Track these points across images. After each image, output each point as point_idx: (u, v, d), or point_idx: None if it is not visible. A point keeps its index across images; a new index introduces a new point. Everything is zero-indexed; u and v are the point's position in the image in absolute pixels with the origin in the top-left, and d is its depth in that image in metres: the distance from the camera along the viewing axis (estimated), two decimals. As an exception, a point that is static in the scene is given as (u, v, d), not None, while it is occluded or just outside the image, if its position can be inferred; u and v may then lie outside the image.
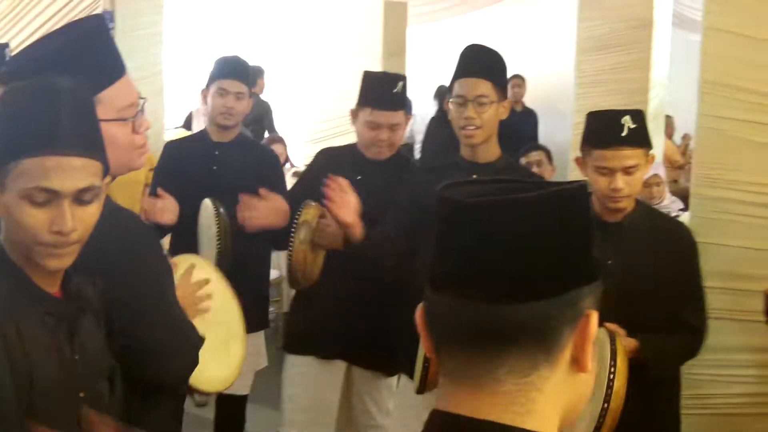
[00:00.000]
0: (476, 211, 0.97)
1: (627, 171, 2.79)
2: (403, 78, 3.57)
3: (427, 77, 10.33)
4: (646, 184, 5.98)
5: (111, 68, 1.99)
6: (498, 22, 10.52)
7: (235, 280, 2.96)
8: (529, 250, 0.97)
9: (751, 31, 3.38)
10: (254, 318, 3.50)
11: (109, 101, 1.93)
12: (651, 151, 2.88)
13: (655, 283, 2.86)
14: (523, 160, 5.92)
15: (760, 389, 3.49)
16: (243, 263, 3.48)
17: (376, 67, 7.33)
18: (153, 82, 5.00)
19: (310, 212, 3.36)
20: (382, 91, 3.49)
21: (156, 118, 4.77)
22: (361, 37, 7.55)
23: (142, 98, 2.06)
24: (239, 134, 4.10)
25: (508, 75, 9.72)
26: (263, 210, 3.58)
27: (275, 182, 3.90)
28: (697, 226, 3.54)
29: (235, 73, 3.92)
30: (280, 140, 7.91)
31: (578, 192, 1.01)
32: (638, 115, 2.83)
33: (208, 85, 3.92)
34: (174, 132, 8.81)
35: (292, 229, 3.34)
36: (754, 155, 3.41)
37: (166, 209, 3.62)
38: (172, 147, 4.28)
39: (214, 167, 3.90)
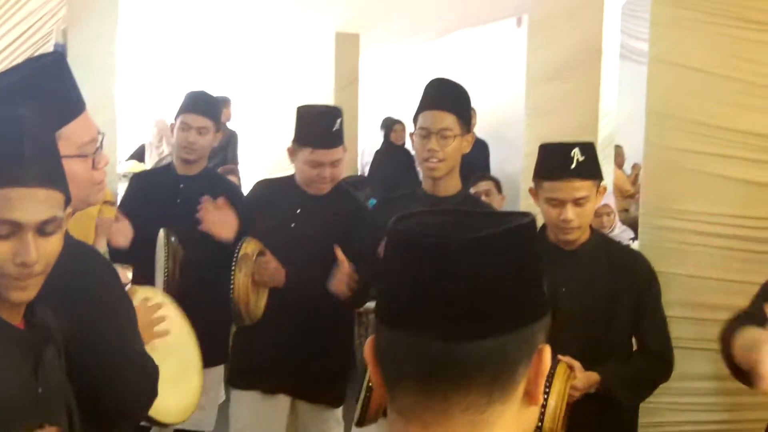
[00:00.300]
0: (433, 250, 0.97)
1: (577, 202, 2.84)
2: (340, 114, 3.60)
3: (378, 107, 10.40)
4: (597, 214, 6.05)
5: (72, 104, 2.00)
6: (449, 52, 10.61)
7: (192, 314, 2.95)
8: (486, 287, 0.97)
9: (696, 63, 3.45)
10: (213, 352, 3.50)
11: (69, 137, 1.93)
12: (602, 182, 2.93)
13: (610, 310, 2.90)
14: (472, 190, 5.96)
15: (718, 417, 3.53)
16: (201, 297, 3.47)
17: (329, 98, 7.38)
18: (105, 113, 4.98)
19: (249, 246, 3.37)
20: (322, 130, 3.50)
21: (109, 150, 4.73)
22: (313, 68, 7.59)
23: (101, 133, 2.06)
24: (205, 168, 4.11)
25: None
26: (218, 216, 3.58)
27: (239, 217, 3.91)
28: (646, 255, 3.59)
29: (198, 108, 3.94)
30: (233, 171, 7.88)
31: (529, 228, 1.02)
32: (588, 148, 2.88)
33: (175, 119, 3.94)
34: (126, 164, 8.78)
35: (233, 265, 3.33)
36: (701, 185, 3.47)
37: (120, 231, 3.62)
38: (139, 178, 4.32)
39: (178, 200, 3.91)
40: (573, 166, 2.83)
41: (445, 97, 3.14)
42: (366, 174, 10.02)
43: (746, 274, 3.31)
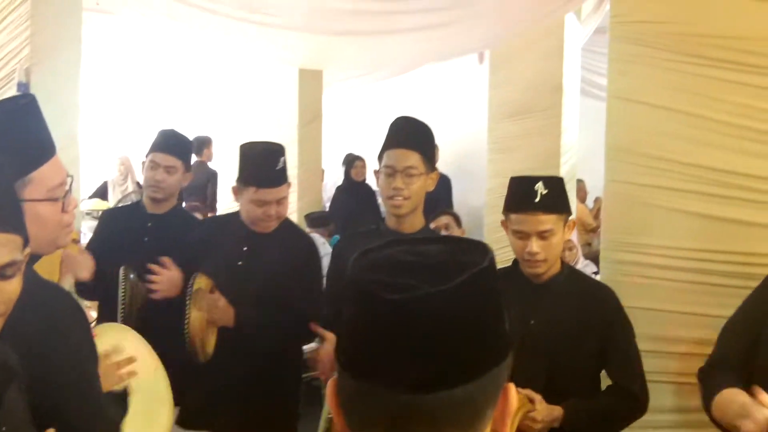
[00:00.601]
0: (396, 307, 0.95)
1: (541, 235, 2.86)
2: (283, 151, 3.56)
3: (341, 143, 10.45)
4: (559, 248, 6.12)
5: (42, 148, 2.01)
6: (411, 88, 10.69)
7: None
8: (451, 338, 0.96)
9: (654, 99, 3.51)
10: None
11: (40, 181, 1.95)
12: (571, 217, 2.96)
13: (578, 344, 2.92)
14: (432, 225, 6.00)
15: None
16: (159, 336, 3.45)
17: (293, 134, 7.40)
18: (69, 152, 4.95)
19: (202, 281, 3.35)
20: (266, 169, 3.48)
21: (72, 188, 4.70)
22: (277, 105, 7.62)
23: (69, 176, 2.07)
24: (175, 207, 4.10)
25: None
26: (164, 279, 3.57)
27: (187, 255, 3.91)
28: (608, 288, 3.64)
29: (168, 147, 3.93)
30: (198, 208, 7.89)
31: (489, 272, 1.01)
32: (554, 181, 2.92)
33: (146, 156, 3.95)
34: (90, 202, 8.74)
35: (186, 299, 3.32)
36: (661, 219, 3.51)
37: (81, 264, 3.58)
38: (107, 215, 4.33)
39: (146, 239, 3.90)
40: (537, 199, 2.86)
41: (411, 136, 3.17)
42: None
43: (707, 307, 3.36)
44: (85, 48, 4.81)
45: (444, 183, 9.68)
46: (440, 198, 9.19)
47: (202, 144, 9.58)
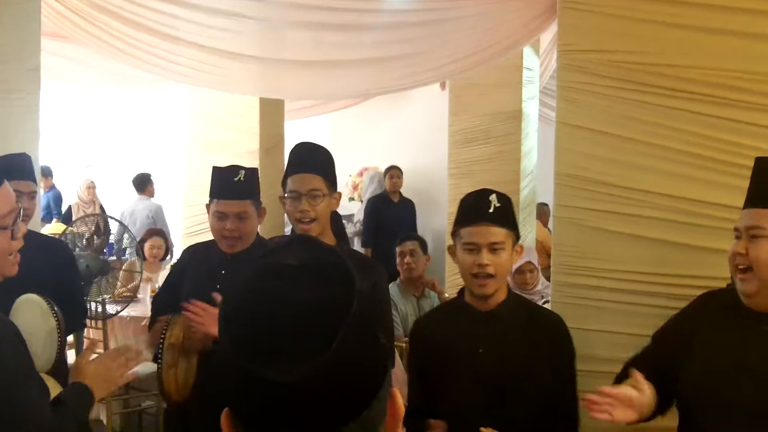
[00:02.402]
0: (275, 386, 0.96)
1: (492, 248, 2.87)
2: (243, 168, 3.62)
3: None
4: (520, 271, 6.18)
5: None
6: (375, 113, 10.77)
7: None
8: (338, 394, 0.97)
9: (600, 126, 3.59)
10: None
11: None
12: (520, 242, 2.99)
13: (529, 372, 2.92)
14: (397, 249, 6.07)
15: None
16: None
17: (255, 160, 7.44)
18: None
19: (174, 333, 3.35)
20: (225, 182, 3.56)
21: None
22: (239, 133, 7.66)
23: (19, 203, 2.08)
24: (28, 232, 4.05)
25: (387, 166, 9.88)
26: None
27: (68, 275, 3.93)
28: (559, 311, 3.69)
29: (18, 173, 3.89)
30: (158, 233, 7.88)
31: (358, 312, 1.00)
32: (505, 198, 2.94)
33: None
34: (48, 226, 8.72)
35: (160, 346, 3.33)
36: (607, 243, 3.59)
37: None
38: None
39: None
40: (490, 210, 2.89)
41: (311, 161, 3.24)
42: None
43: (656, 329, 3.43)
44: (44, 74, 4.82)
45: (408, 207, 9.76)
46: (405, 222, 9.25)
47: (145, 182, 9.77)
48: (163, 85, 8.02)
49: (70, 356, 4.52)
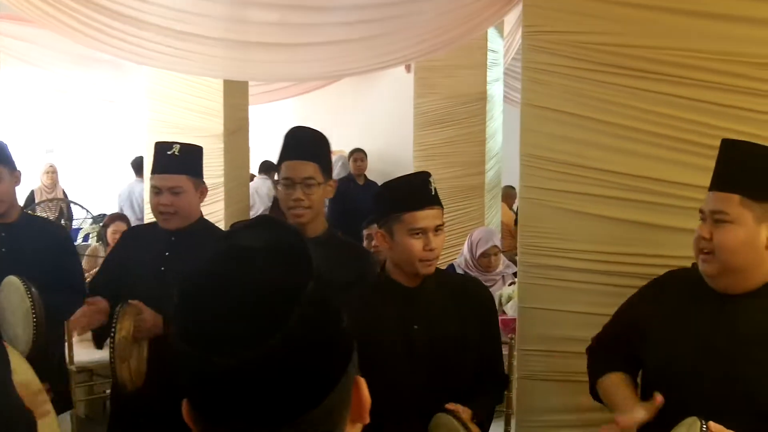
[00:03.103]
0: (227, 373, 0.93)
1: (437, 230, 2.92)
2: (182, 144, 3.59)
3: (268, 153, 10.44)
4: (485, 254, 6.19)
5: None
6: (340, 95, 10.74)
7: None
8: (296, 382, 0.95)
9: (566, 107, 3.59)
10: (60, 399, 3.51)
11: None
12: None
13: (463, 343, 2.98)
14: (365, 232, 6.05)
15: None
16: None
17: (219, 143, 7.38)
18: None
19: (124, 326, 3.29)
20: (160, 156, 3.54)
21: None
22: (202, 115, 7.59)
23: None
24: (22, 213, 4.04)
25: (352, 149, 9.90)
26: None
27: (66, 259, 3.90)
28: (524, 292, 3.71)
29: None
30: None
31: (317, 292, 0.97)
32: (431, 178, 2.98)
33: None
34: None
35: (110, 350, 3.28)
36: (573, 223, 3.60)
37: None
38: None
39: (3, 249, 3.85)
40: (433, 193, 2.93)
41: (308, 147, 3.20)
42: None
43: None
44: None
45: (373, 189, 9.72)
46: (369, 204, 9.20)
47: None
48: (122, 66, 7.93)
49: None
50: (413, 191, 2.93)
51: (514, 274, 5.99)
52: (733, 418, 2.30)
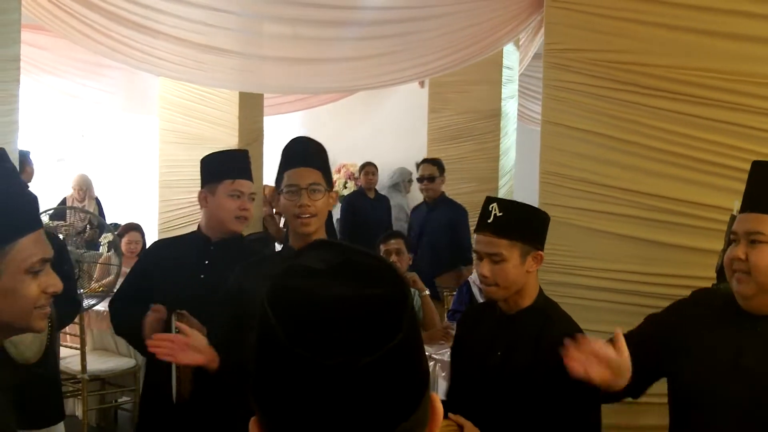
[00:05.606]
0: (334, 373, 0.92)
1: (492, 258, 2.78)
2: (246, 153, 3.67)
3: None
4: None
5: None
6: (351, 112, 10.74)
7: None
8: (389, 395, 0.95)
9: (585, 125, 3.60)
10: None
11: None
12: (540, 250, 2.87)
13: (534, 378, 2.78)
14: (382, 248, 6.00)
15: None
16: None
17: (233, 156, 7.37)
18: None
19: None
20: (238, 162, 3.60)
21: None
22: (217, 127, 7.61)
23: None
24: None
25: (363, 162, 9.81)
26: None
27: (61, 267, 3.88)
28: (541, 309, 3.70)
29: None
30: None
31: (408, 314, 0.98)
32: (509, 206, 2.84)
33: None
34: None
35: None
36: (592, 242, 3.60)
37: None
38: None
39: None
40: (490, 220, 2.80)
41: (310, 155, 3.18)
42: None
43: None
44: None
45: (383, 203, 9.71)
46: (380, 218, 9.19)
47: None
48: (135, 75, 7.94)
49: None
50: (481, 214, 2.88)
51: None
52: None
